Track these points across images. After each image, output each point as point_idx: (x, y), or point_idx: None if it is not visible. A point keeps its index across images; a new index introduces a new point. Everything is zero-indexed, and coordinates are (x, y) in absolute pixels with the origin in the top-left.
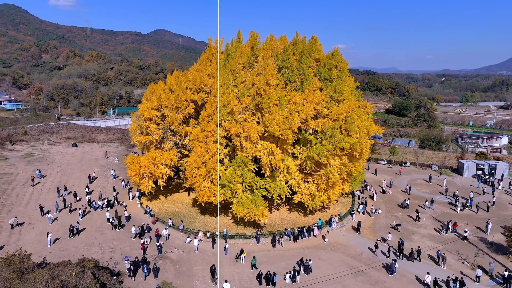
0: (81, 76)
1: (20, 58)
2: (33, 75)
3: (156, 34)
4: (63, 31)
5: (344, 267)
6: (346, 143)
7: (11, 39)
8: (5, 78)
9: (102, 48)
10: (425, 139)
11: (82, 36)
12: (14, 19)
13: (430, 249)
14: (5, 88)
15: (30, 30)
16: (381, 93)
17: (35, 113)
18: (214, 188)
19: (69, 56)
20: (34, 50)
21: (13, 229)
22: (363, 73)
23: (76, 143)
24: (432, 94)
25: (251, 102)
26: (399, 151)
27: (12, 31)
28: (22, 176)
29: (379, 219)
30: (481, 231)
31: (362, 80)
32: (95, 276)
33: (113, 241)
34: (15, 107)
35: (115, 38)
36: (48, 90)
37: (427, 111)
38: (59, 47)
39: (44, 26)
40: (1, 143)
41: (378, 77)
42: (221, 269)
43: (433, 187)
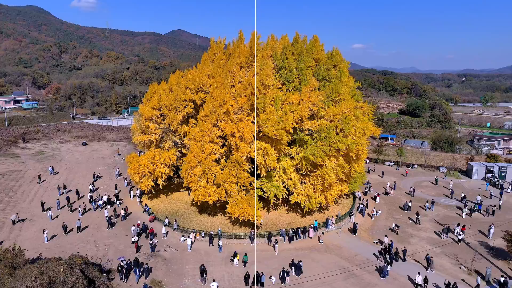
0: (98, 76)
1: (40, 59)
2: (53, 75)
3: (174, 34)
4: (83, 32)
5: (336, 269)
6: (341, 144)
7: (32, 40)
8: (26, 78)
9: (121, 49)
10: (437, 140)
11: (101, 37)
12: (37, 20)
13: (427, 253)
14: (24, 88)
15: (52, 31)
16: (397, 93)
17: (50, 112)
18: (209, 187)
19: (88, 57)
20: (54, 50)
21: (14, 225)
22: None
23: (86, 142)
24: (450, 94)
25: (246, 102)
26: (408, 152)
27: (34, 32)
28: (30, 174)
29: (378, 221)
30: (483, 235)
31: (378, 80)
32: (84, 272)
33: (108, 238)
34: (31, 106)
35: (133, 39)
36: (66, 89)
37: (442, 112)
38: (78, 47)
39: (65, 27)
40: (14, 141)
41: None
42: (212, 268)
43: (438, 190)
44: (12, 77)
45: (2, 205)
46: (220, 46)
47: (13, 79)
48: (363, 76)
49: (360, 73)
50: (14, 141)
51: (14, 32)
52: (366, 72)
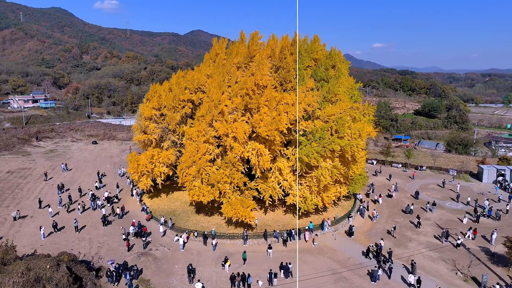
0: (116, 76)
1: (62, 59)
2: (73, 75)
3: (192, 34)
4: (105, 33)
5: (327, 272)
6: (336, 145)
7: (55, 41)
8: (47, 77)
9: (140, 49)
10: (451, 142)
11: (122, 38)
12: (60, 22)
13: (424, 258)
14: (44, 87)
15: (74, 32)
16: (415, 93)
17: (67, 111)
18: (204, 187)
19: (107, 57)
20: (75, 51)
21: (15, 221)
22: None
23: (96, 141)
24: (472, 94)
25: (241, 103)
26: (419, 154)
27: (57, 33)
28: (38, 172)
29: (378, 224)
30: (486, 241)
31: (395, 80)
32: (71, 270)
33: (103, 237)
34: (49, 105)
35: (153, 39)
36: (84, 89)
37: (459, 113)
38: (98, 48)
39: (87, 28)
40: (27, 139)
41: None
42: (201, 268)
43: (445, 193)
44: (34, 77)
45: (7, 202)
46: (222, 46)
47: (35, 79)
48: (381, 75)
49: (379, 73)
50: (28, 139)
51: (38, 33)
52: (385, 71)
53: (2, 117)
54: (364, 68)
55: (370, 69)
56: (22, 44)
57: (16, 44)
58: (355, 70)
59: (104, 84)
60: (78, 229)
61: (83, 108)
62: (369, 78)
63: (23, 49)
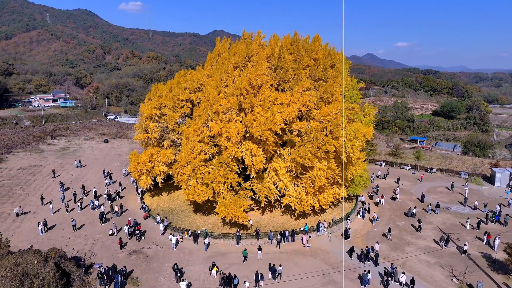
0: (135, 76)
1: (85, 59)
2: (95, 75)
3: (214, 35)
4: (127, 33)
5: (317, 275)
6: (330, 146)
7: (80, 42)
8: (70, 77)
9: (161, 49)
10: (468, 144)
11: (144, 38)
12: (85, 23)
13: (420, 262)
14: (66, 87)
15: (98, 33)
16: (436, 94)
17: (84, 110)
18: (198, 187)
19: (128, 57)
20: (98, 51)
21: (18, 217)
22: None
23: (108, 139)
24: (497, 94)
25: (235, 102)
26: (432, 156)
27: (82, 34)
28: (48, 169)
29: (377, 227)
30: (489, 247)
31: (416, 80)
32: (59, 266)
33: (99, 234)
34: (68, 104)
35: (174, 40)
36: (104, 88)
37: (479, 113)
38: (120, 48)
39: (111, 29)
40: (42, 137)
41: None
42: (190, 267)
43: (452, 196)
44: (57, 77)
45: (13, 198)
46: (225, 46)
47: (58, 79)
48: (403, 75)
49: (401, 72)
50: (43, 137)
51: (64, 34)
52: (408, 71)
53: (22, 116)
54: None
55: (393, 68)
56: (48, 45)
57: (43, 45)
58: (376, 70)
59: (122, 83)
60: (76, 228)
61: (100, 107)
62: (388, 78)
63: (48, 49)
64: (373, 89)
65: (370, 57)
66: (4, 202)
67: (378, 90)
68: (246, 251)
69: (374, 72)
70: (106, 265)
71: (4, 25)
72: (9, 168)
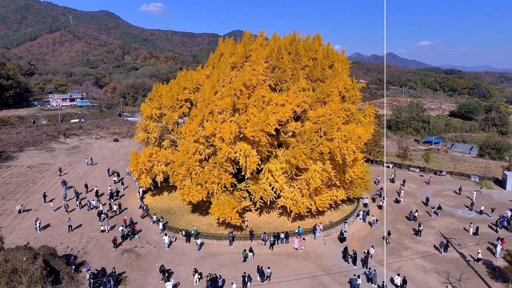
0: (152, 76)
1: (105, 60)
2: (114, 75)
3: (232, 35)
4: (147, 34)
5: (307, 279)
6: (325, 148)
7: (101, 43)
8: (89, 77)
9: (180, 50)
10: (484, 146)
11: (163, 39)
12: (107, 24)
13: (416, 268)
14: (85, 87)
15: (119, 34)
16: (456, 94)
17: (99, 110)
18: (193, 187)
19: (146, 57)
20: (118, 52)
21: (20, 214)
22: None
23: (118, 138)
24: None
25: (229, 103)
26: (443, 158)
27: (103, 35)
28: (56, 167)
29: (376, 231)
30: (492, 254)
31: (435, 80)
32: (48, 263)
33: (95, 232)
34: (84, 104)
35: (193, 40)
36: (121, 88)
37: (499, 115)
38: (139, 49)
39: (131, 30)
40: (55, 136)
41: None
42: (180, 268)
43: (459, 200)
44: (77, 77)
45: (18, 195)
46: (227, 46)
47: (78, 79)
48: (424, 75)
49: (422, 72)
50: (56, 136)
51: (85, 36)
52: (429, 71)
53: (40, 115)
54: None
55: (413, 68)
56: (70, 45)
57: (65, 45)
58: (396, 70)
59: (139, 83)
60: (71, 228)
61: (115, 107)
62: (408, 78)
63: (70, 50)
64: (390, 89)
65: (390, 57)
66: (9, 199)
67: (395, 90)
68: (245, 251)
69: (394, 72)
70: (95, 268)
71: (29, 27)
72: (19, 166)
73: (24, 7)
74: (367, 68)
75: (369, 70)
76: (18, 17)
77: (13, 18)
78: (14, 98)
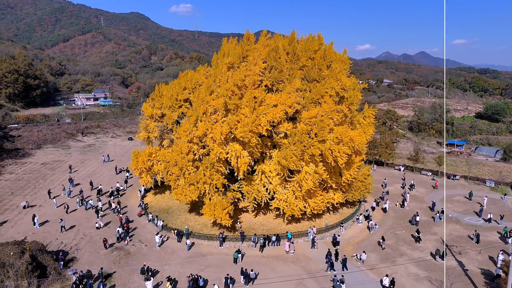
0: (176, 76)
1: (133, 60)
2: (140, 75)
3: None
4: (175, 35)
5: (292, 282)
6: (316, 149)
7: (130, 43)
8: (116, 77)
9: (206, 50)
10: (507, 150)
11: (190, 39)
12: (136, 25)
13: (408, 276)
14: (110, 87)
15: (148, 35)
16: (487, 94)
17: (121, 109)
18: (186, 187)
19: (172, 58)
20: (145, 52)
21: (24, 209)
22: (479, 71)
23: (132, 137)
24: None
25: (222, 103)
26: (461, 161)
27: (133, 36)
28: (69, 164)
29: (374, 236)
30: (493, 263)
31: (465, 80)
32: (36, 258)
33: (91, 229)
34: (107, 103)
35: (219, 40)
36: (144, 88)
37: None
38: (165, 49)
39: (160, 31)
40: (74, 134)
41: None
42: (167, 267)
43: (469, 206)
44: (105, 77)
45: (27, 191)
46: (231, 46)
47: (105, 79)
48: (455, 74)
49: (454, 72)
50: (74, 134)
51: (115, 37)
52: (462, 70)
53: (64, 113)
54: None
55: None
56: (101, 46)
57: (96, 46)
58: (426, 69)
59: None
60: (64, 229)
61: (136, 106)
62: (437, 77)
63: (101, 51)
64: (416, 90)
65: (422, 56)
66: (17, 194)
67: (421, 90)
68: (237, 253)
69: (423, 72)
70: (81, 270)
71: (63, 28)
72: (34, 162)
73: (58, 9)
74: (396, 67)
75: (397, 69)
76: (53, 19)
77: (48, 20)
78: (41, 97)
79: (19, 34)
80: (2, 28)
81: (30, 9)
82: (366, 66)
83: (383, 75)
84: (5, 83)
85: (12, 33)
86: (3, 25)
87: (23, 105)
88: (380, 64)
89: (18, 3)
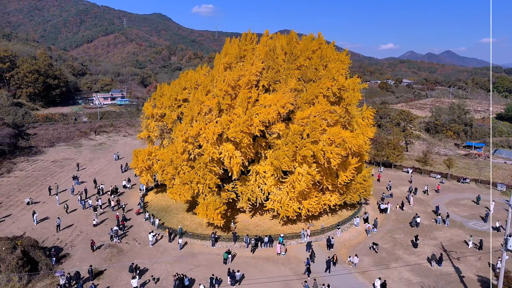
0: None
1: (153, 60)
2: (159, 75)
3: None
4: (195, 35)
5: (278, 283)
6: (307, 150)
7: (150, 44)
8: (136, 77)
9: None
10: None
11: (210, 39)
12: (158, 26)
13: (400, 281)
14: (129, 86)
15: (169, 35)
16: None
17: (136, 108)
18: (180, 186)
19: (191, 58)
20: (165, 53)
21: (28, 205)
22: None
23: None
24: None
25: (215, 103)
26: (475, 164)
27: (154, 37)
28: (77, 162)
29: (371, 239)
30: (493, 271)
31: (488, 80)
32: (28, 253)
33: (87, 226)
34: (123, 102)
35: None
36: None
37: None
38: (185, 49)
39: (181, 31)
40: (87, 132)
41: None
42: (157, 266)
43: (476, 210)
44: (124, 77)
45: (33, 188)
46: (233, 46)
47: (125, 79)
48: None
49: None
50: (87, 133)
51: (137, 37)
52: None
53: (81, 112)
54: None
55: (471, 67)
56: (123, 47)
57: (118, 47)
58: (451, 68)
59: None
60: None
61: None
62: (462, 77)
63: (122, 51)
64: (437, 90)
65: (448, 55)
66: (24, 191)
67: (443, 90)
68: (227, 253)
69: (447, 71)
70: (68, 273)
71: (87, 30)
72: (45, 160)
73: (83, 11)
74: (419, 66)
75: (420, 69)
76: (78, 21)
77: (73, 21)
78: (61, 97)
79: (45, 35)
80: (29, 30)
81: (56, 10)
82: (388, 66)
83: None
84: (26, 82)
85: (39, 34)
86: (30, 26)
87: (43, 104)
88: (402, 63)
89: (45, 5)
